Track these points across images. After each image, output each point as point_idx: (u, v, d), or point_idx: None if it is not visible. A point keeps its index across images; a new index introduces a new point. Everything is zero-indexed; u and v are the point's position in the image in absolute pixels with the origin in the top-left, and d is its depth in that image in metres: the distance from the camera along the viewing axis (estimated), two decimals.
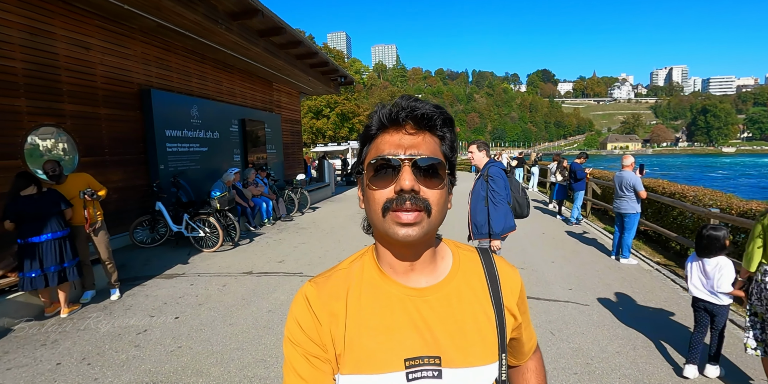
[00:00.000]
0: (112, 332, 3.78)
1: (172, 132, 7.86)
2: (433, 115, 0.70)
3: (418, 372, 0.70)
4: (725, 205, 5.94)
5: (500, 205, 3.67)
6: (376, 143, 0.72)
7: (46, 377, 3.03)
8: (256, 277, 5.42)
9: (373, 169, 0.69)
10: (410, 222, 0.66)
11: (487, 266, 0.82)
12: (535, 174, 16.37)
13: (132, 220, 6.75)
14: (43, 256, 3.94)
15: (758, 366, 3.16)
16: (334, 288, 0.77)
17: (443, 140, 0.73)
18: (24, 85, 5.31)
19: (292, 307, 0.78)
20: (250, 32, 8.46)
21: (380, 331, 0.72)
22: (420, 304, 0.74)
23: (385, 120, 0.71)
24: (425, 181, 0.68)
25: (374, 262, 0.78)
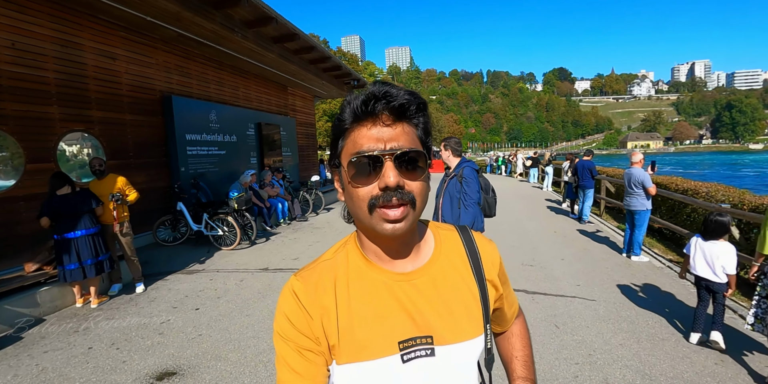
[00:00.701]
0: (138, 321, 4.07)
1: (192, 136, 8.22)
2: (410, 104, 0.69)
3: (412, 353, 0.73)
4: (738, 200, 5.92)
5: (471, 207, 3.58)
6: (352, 137, 0.70)
7: (80, 359, 3.32)
8: (272, 273, 5.67)
9: (353, 166, 0.69)
10: (398, 218, 0.67)
11: (467, 243, 0.84)
12: (550, 174, 16.31)
13: (155, 219, 7.11)
14: (80, 250, 4.24)
15: (753, 341, 3.41)
16: (320, 280, 0.77)
17: (418, 126, 0.73)
18: (56, 93, 5.69)
19: (280, 303, 0.78)
20: (264, 39, 8.78)
21: (372, 318, 0.74)
22: (407, 288, 0.76)
23: (360, 111, 0.69)
24: (408, 174, 0.68)
25: (359, 251, 0.79)
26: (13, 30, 5.16)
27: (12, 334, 3.80)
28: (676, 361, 3.20)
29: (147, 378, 3.03)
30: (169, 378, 3.03)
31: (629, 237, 6.30)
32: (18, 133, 5.17)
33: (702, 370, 3.07)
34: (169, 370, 3.13)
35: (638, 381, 2.92)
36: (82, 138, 6.15)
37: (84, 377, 3.05)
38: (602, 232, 8.25)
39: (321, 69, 12.32)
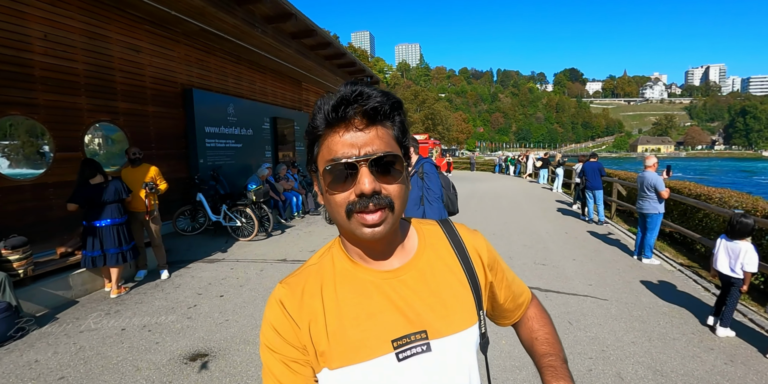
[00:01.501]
0: (166, 306, 4.23)
1: (211, 129, 8.38)
2: (383, 107, 0.67)
3: (407, 350, 0.72)
4: (751, 207, 5.91)
5: (435, 203, 3.57)
6: (326, 143, 0.69)
7: (114, 340, 3.49)
8: (291, 263, 5.81)
9: (329, 174, 0.68)
10: (376, 222, 0.66)
11: (450, 235, 0.85)
12: (560, 175, 16.24)
13: (174, 209, 7.28)
14: (104, 239, 4.34)
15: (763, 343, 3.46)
16: (307, 286, 0.76)
17: (393, 125, 0.71)
18: (84, 84, 5.85)
19: (267, 314, 0.77)
20: (283, 35, 8.91)
21: (362, 318, 0.72)
22: (396, 285, 0.75)
23: (331, 118, 0.67)
24: (384, 178, 0.67)
25: (344, 254, 0.78)
26: (45, 22, 5.31)
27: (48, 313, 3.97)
28: (687, 360, 3.28)
29: (181, 358, 3.18)
30: (202, 359, 3.18)
31: (641, 240, 6.31)
32: (48, 122, 5.34)
33: (712, 368, 3.16)
34: (200, 352, 3.28)
35: (650, 376, 3.01)
36: (105, 128, 6.32)
37: (120, 356, 3.21)
38: (613, 235, 8.27)
39: (336, 65, 12.45)
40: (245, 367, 3.06)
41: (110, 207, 4.42)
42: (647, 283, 5.20)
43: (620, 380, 2.96)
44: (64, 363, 3.09)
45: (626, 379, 2.96)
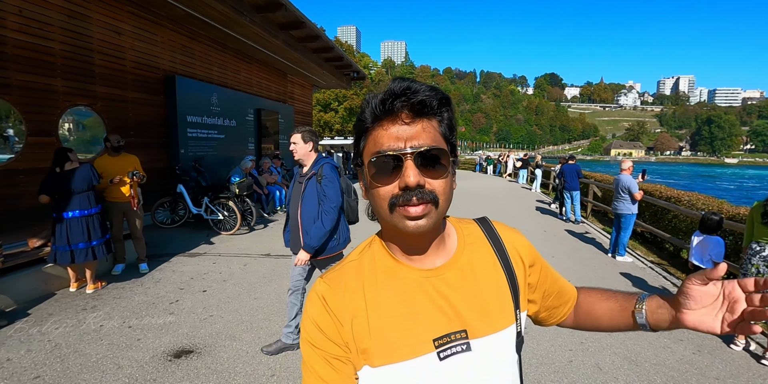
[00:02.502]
0: (147, 301, 4.04)
1: (193, 118, 8.10)
2: (431, 101, 0.67)
3: (448, 349, 0.71)
4: (716, 209, 6.32)
5: (331, 213, 2.90)
6: (373, 136, 0.69)
7: (93, 336, 3.29)
8: (275, 258, 5.67)
9: (374, 166, 0.68)
10: (419, 215, 0.65)
11: (489, 234, 0.84)
12: (539, 176, 16.60)
13: (153, 201, 7.00)
14: (70, 233, 3.98)
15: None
16: (349, 282, 0.75)
17: (441, 122, 0.70)
18: (61, 65, 5.54)
19: (308, 308, 0.76)
20: (271, 25, 8.68)
21: (404, 317, 0.72)
22: (437, 283, 0.74)
23: (379, 111, 0.67)
24: (429, 173, 0.67)
25: (385, 250, 0.77)
26: None
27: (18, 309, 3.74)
28: (659, 350, 3.48)
29: (165, 355, 3.03)
30: (187, 355, 3.04)
31: (615, 238, 6.61)
32: (21, 104, 5.04)
33: (681, 358, 3.36)
34: (185, 349, 3.14)
35: (626, 366, 3.17)
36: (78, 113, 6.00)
37: (100, 353, 3.03)
38: (589, 234, 8.52)
39: (323, 59, 12.25)
40: (232, 364, 2.96)
41: (79, 197, 4.06)
42: (621, 280, 5.44)
43: (599, 370, 3.10)
44: (39, 361, 2.90)
45: (604, 370, 3.11)
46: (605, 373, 3.05)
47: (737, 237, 5.53)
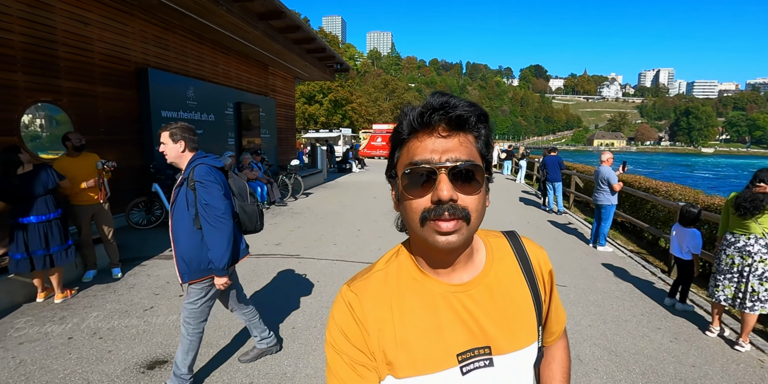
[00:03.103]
0: (119, 309, 3.82)
1: (168, 113, 7.78)
2: (468, 116, 0.67)
3: (471, 364, 0.72)
4: (692, 199, 6.51)
5: (219, 223, 2.38)
6: (408, 147, 0.69)
7: (60, 350, 3.07)
8: (255, 258, 5.49)
9: (407, 177, 0.67)
10: (450, 231, 0.65)
11: (516, 249, 0.84)
12: (523, 167, 16.71)
13: (128, 201, 6.72)
14: (29, 239, 3.69)
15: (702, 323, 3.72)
16: (375, 292, 0.75)
17: (478, 138, 0.70)
18: (22, 59, 5.20)
19: (335, 314, 0.76)
20: (250, 15, 8.36)
21: (430, 331, 0.72)
22: (464, 299, 0.74)
23: (416, 124, 0.67)
24: (463, 188, 0.66)
25: (412, 262, 0.77)
26: None
27: None
28: (638, 339, 3.55)
29: (137, 367, 2.86)
30: (161, 366, 2.87)
31: (596, 229, 6.75)
32: None
33: (659, 346, 3.45)
34: (159, 359, 2.97)
35: (606, 357, 3.24)
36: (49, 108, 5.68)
37: (68, 368, 2.83)
38: (572, 224, 8.62)
39: (305, 50, 11.94)
40: (208, 372, 2.83)
41: (37, 201, 3.73)
42: (602, 270, 5.55)
43: (579, 362, 3.14)
44: (2, 380, 2.69)
45: (585, 361, 3.17)
46: (585, 364, 3.11)
47: (712, 226, 5.67)
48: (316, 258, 5.56)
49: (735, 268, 3.56)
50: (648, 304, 4.36)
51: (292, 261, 5.40)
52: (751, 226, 3.50)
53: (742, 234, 3.55)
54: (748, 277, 3.47)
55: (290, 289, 4.42)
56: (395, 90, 71.54)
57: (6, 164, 3.68)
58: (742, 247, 3.52)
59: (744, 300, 3.47)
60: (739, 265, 3.53)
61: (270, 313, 3.78)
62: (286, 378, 2.79)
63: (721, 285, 3.64)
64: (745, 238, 3.52)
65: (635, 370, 3.04)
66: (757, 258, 3.45)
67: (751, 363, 3.25)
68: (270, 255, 5.66)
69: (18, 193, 3.68)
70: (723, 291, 3.62)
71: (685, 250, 4.18)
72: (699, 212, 4.19)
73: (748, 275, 3.48)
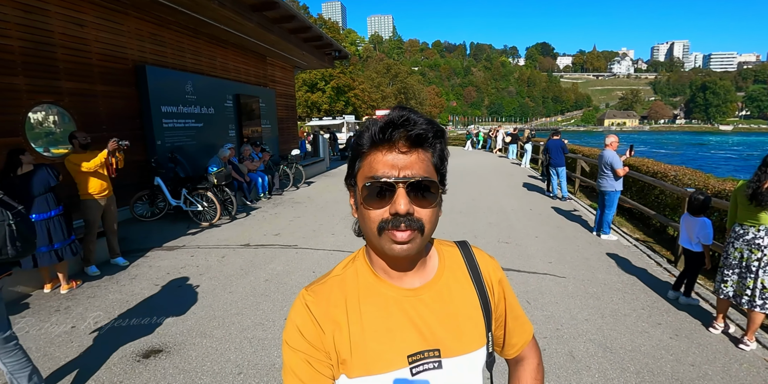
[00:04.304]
0: (121, 299, 4.08)
1: (168, 108, 7.97)
2: (427, 134, 0.71)
3: (420, 366, 0.76)
4: (702, 185, 6.17)
5: None
6: (368, 160, 0.73)
7: (63, 339, 3.34)
8: (253, 249, 5.71)
9: (367, 189, 0.71)
10: (405, 240, 0.70)
11: (467, 258, 0.89)
12: (528, 151, 16.55)
13: (131, 194, 6.97)
14: None
15: (706, 318, 3.67)
16: (332, 295, 0.79)
17: (434, 153, 0.75)
18: (21, 63, 5.39)
19: (292, 315, 0.80)
20: (242, 7, 8.42)
21: (382, 333, 0.76)
22: (416, 303, 0.79)
23: (377, 138, 0.71)
24: (419, 202, 0.70)
25: (368, 267, 0.81)
26: None
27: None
28: (636, 335, 3.43)
29: (133, 356, 3.08)
30: (156, 355, 3.09)
31: (600, 216, 6.56)
32: None
33: (658, 343, 3.32)
34: (155, 348, 3.19)
35: (600, 354, 3.14)
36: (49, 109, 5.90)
37: (69, 356, 3.08)
38: (576, 211, 8.50)
39: (302, 39, 11.96)
40: (200, 362, 3.01)
41: (38, 200, 3.96)
42: (604, 260, 5.39)
43: (572, 359, 3.06)
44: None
45: (577, 358, 3.08)
46: (578, 361, 3.03)
47: (722, 214, 5.31)
48: (314, 248, 5.75)
49: (743, 262, 3.33)
50: (650, 298, 4.21)
51: (290, 251, 5.61)
52: (761, 217, 3.24)
53: (752, 225, 3.29)
54: (758, 272, 3.24)
55: (286, 280, 4.61)
56: (398, 74, 70.69)
57: (9, 166, 3.92)
58: (751, 239, 3.28)
59: (753, 297, 3.25)
60: (747, 259, 3.30)
61: (264, 304, 3.99)
62: (275, 369, 2.91)
63: (728, 280, 3.43)
64: (754, 230, 3.27)
65: (630, 369, 2.95)
66: (767, 251, 3.21)
67: (755, 363, 3.08)
68: (269, 245, 5.89)
69: (18, 193, 3.89)
70: (730, 286, 3.42)
71: (694, 241, 3.95)
72: (708, 199, 3.94)
73: (757, 270, 3.24)
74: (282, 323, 3.58)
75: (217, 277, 4.67)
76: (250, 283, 4.48)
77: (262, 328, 3.50)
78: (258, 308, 3.89)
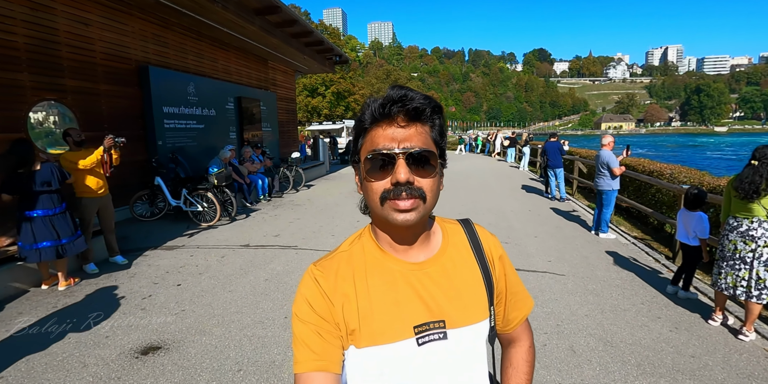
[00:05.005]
0: (119, 296, 4.06)
1: (170, 109, 8.00)
2: (424, 108, 0.74)
3: (426, 336, 0.79)
4: (698, 182, 6.32)
5: None
6: (370, 136, 0.77)
7: (60, 335, 3.31)
8: (253, 249, 5.71)
9: (369, 162, 0.75)
10: (407, 208, 0.72)
11: (470, 235, 0.92)
12: (527, 154, 16.67)
13: (132, 194, 6.97)
14: (36, 231, 3.94)
15: (705, 311, 3.68)
16: (340, 270, 0.82)
17: (433, 128, 0.78)
18: (26, 60, 5.42)
19: (302, 289, 0.82)
20: (246, 10, 8.48)
21: (389, 305, 0.79)
22: (421, 277, 0.81)
23: (377, 114, 0.75)
24: (419, 171, 0.74)
25: (374, 243, 0.84)
26: None
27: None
28: (636, 329, 3.46)
29: (132, 352, 3.06)
30: (154, 352, 3.07)
31: (598, 215, 6.65)
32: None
33: (658, 336, 3.36)
34: (153, 345, 3.17)
35: (600, 348, 3.16)
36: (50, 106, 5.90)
37: (66, 352, 3.05)
38: (574, 211, 8.57)
39: (303, 43, 12.02)
40: (199, 359, 2.98)
41: (43, 197, 3.98)
42: (603, 257, 5.45)
43: (573, 353, 3.08)
44: (4, 362, 2.92)
45: (578, 352, 3.10)
46: (579, 355, 3.04)
47: (718, 209, 5.45)
48: (314, 249, 5.74)
49: (737, 254, 3.38)
50: (649, 293, 4.26)
51: (290, 252, 5.61)
52: (754, 209, 3.30)
53: (745, 218, 3.36)
54: (752, 263, 3.29)
55: (285, 279, 4.59)
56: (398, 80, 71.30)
57: (18, 159, 3.93)
58: (744, 231, 3.34)
59: (749, 288, 3.29)
60: (741, 251, 3.35)
61: (264, 303, 3.98)
62: (275, 366, 2.90)
63: (724, 272, 3.47)
64: (747, 222, 3.33)
65: (630, 362, 2.96)
66: (761, 242, 3.26)
67: (755, 353, 3.13)
68: (268, 246, 5.88)
69: (24, 190, 3.93)
70: (725, 279, 3.46)
71: (691, 235, 4.02)
72: (704, 194, 4.04)
73: (752, 262, 3.29)
74: (282, 322, 3.58)
75: (217, 276, 4.66)
76: (250, 283, 4.47)
77: (262, 327, 3.49)
78: (258, 307, 3.88)
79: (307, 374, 0.76)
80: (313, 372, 0.76)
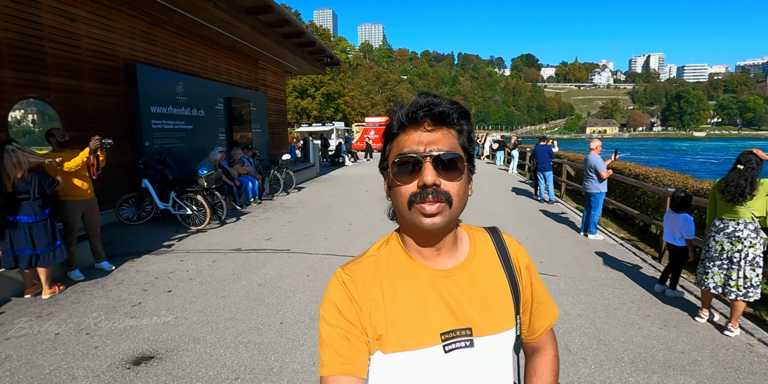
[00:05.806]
0: (107, 304, 3.88)
1: (158, 108, 7.78)
2: (450, 112, 0.75)
3: (453, 343, 0.78)
4: (682, 185, 6.52)
5: None
6: (397, 141, 0.78)
7: (47, 346, 3.13)
8: (245, 253, 5.55)
9: (396, 166, 0.75)
10: (434, 213, 0.72)
11: (497, 243, 0.91)
12: (515, 157, 16.78)
13: (118, 197, 6.73)
14: (14, 238, 3.78)
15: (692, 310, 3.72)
16: (367, 275, 0.82)
17: (461, 133, 0.78)
18: (7, 55, 5.19)
19: (330, 292, 0.82)
20: (238, 9, 8.33)
21: (416, 311, 0.78)
22: (448, 284, 0.81)
23: (404, 119, 0.76)
24: (445, 175, 0.73)
25: (401, 248, 0.84)
26: None
27: None
28: (627, 327, 3.54)
29: (123, 363, 2.91)
30: (147, 362, 2.93)
31: (586, 217, 6.80)
32: None
33: (649, 334, 3.44)
34: (145, 355, 3.02)
35: (594, 346, 3.23)
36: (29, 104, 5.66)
37: (54, 364, 2.89)
38: (563, 213, 8.67)
39: (295, 44, 11.90)
40: (195, 368, 2.86)
41: (26, 203, 3.82)
42: (592, 258, 5.57)
43: (568, 352, 3.13)
44: None
45: (573, 351, 3.15)
46: (574, 354, 3.10)
47: (701, 211, 5.69)
48: (307, 252, 5.62)
49: (724, 254, 3.51)
50: (638, 292, 4.36)
51: (282, 256, 5.47)
52: (739, 211, 3.44)
53: (731, 219, 3.49)
54: (740, 263, 3.43)
55: (279, 283, 4.47)
56: (387, 82, 71.27)
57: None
58: (731, 232, 3.47)
59: (737, 287, 3.43)
60: (728, 252, 3.48)
61: (258, 308, 3.85)
62: (273, 373, 2.81)
63: (710, 272, 3.59)
64: (734, 224, 3.47)
65: (624, 359, 3.04)
66: (747, 243, 3.40)
67: (740, 348, 3.25)
68: (260, 250, 5.73)
69: (8, 194, 3.75)
70: (712, 278, 3.57)
71: (678, 236, 4.17)
72: (689, 196, 4.20)
73: (739, 261, 3.43)
74: (278, 327, 3.49)
75: (209, 281, 4.50)
76: (243, 288, 4.33)
77: (257, 333, 3.37)
78: (252, 312, 3.74)
79: (334, 377, 0.76)
80: (340, 375, 0.76)
